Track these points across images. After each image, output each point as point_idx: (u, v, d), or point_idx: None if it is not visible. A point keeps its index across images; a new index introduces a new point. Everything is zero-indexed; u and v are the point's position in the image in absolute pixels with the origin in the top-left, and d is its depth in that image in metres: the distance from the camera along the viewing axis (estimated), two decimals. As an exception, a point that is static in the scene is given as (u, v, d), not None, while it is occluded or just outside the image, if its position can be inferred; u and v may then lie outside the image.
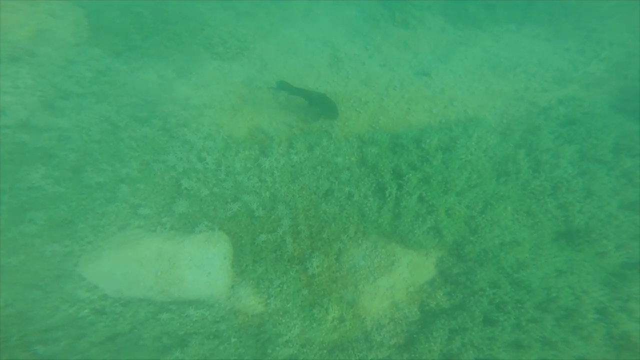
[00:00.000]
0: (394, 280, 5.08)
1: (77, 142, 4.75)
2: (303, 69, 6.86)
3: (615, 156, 5.73)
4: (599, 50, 7.66)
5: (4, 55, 5.36)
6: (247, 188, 5.13)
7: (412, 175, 5.26)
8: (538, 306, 4.72)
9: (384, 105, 6.20)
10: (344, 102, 6.20)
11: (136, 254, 4.54)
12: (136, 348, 4.05)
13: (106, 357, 3.94)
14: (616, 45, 7.77)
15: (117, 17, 6.73)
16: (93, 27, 6.37)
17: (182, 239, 4.75)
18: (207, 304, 4.62)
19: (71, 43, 6.01)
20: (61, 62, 5.71)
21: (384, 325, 4.80)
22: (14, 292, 4.02)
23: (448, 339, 4.58)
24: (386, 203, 5.26)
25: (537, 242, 5.17)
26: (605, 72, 7.27)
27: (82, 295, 4.24)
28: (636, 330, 4.55)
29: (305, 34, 7.71)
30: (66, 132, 4.84)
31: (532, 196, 5.50)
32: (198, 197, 4.95)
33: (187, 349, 4.12)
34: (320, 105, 5.93)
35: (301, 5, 8.30)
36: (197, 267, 4.70)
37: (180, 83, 6.14)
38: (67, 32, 6.04)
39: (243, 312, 4.73)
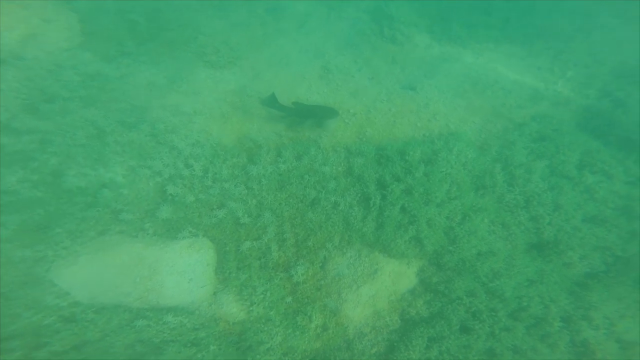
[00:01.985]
0: (376, 289, 5.21)
1: (59, 146, 4.63)
2: (294, 79, 6.97)
3: (580, 172, 6.17)
4: (565, 70, 8.25)
5: None
6: (233, 195, 5.14)
7: (396, 186, 5.46)
8: (510, 315, 4.98)
9: (371, 117, 6.39)
10: (332, 113, 6.31)
11: (115, 260, 4.43)
12: (105, 356, 3.92)
13: None
14: (580, 66, 8.40)
15: (111, 23, 6.71)
16: (86, 32, 6.32)
17: (164, 245, 4.68)
18: (186, 311, 4.55)
19: (62, 47, 5.95)
20: (50, 66, 5.64)
21: (366, 333, 4.90)
22: (-26, 299, 3.79)
23: (426, 347, 4.74)
24: (370, 213, 5.42)
25: (510, 253, 5.46)
26: (570, 91, 7.83)
27: (50, 302, 4.08)
28: (594, 337, 4.88)
29: (298, 46, 7.85)
30: (49, 135, 4.72)
31: (506, 209, 5.83)
32: (183, 204, 4.91)
33: (162, 357, 4.03)
34: (315, 113, 6.11)
35: (296, 17, 8.46)
36: (179, 274, 4.64)
37: (171, 89, 6.12)
38: (59, 36, 5.97)
39: (224, 319, 4.68)
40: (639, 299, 5.08)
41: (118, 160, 4.82)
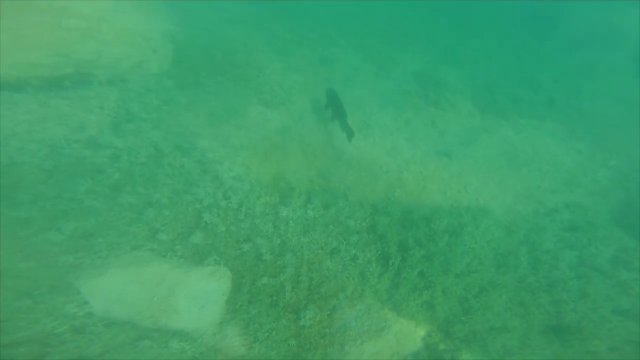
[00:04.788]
0: (380, 346, 5.18)
1: (124, 162, 5.11)
2: (335, 127, 7.26)
3: (613, 267, 6.02)
4: (607, 158, 8.13)
5: (105, 79, 5.95)
6: (261, 231, 5.43)
7: (417, 250, 5.55)
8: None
9: (402, 178, 6.60)
10: (366, 168, 6.63)
11: (140, 276, 4.55)
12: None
13: None
14: (622, 155, 8.25)
15: (196, 55, 7.46)
16: (174, 61, 7.08)
17: (189, 269, 4.88)
18: (191, 337, 4.60)
19: (154, 73, 6.68)
20: (141, 89, 6.30)
21: (364, 394, 4.85)
22: (4, 298, 3.91)
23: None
24: (387, 271, 5.51)
25: (526, 332, 5.35)
26: (610, 181, 7.69)
27: (70, 310, 4.10)
28: None
29: (342, 97, 8.21)
30: (119, 151, 5.22)
31: (527, 289, 5.75)
32: (214, 232, 5.24)
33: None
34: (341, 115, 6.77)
35: (345, 70, 9.00)
36: (194, 299, 4.72)
37: (225, 121, 6.60)
38: (156, 64, 6.74)
39: (224, 352, 4.70)
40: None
41: (167, 182, 5.25)
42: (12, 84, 5.32)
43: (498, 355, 5.04)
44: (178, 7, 7.83)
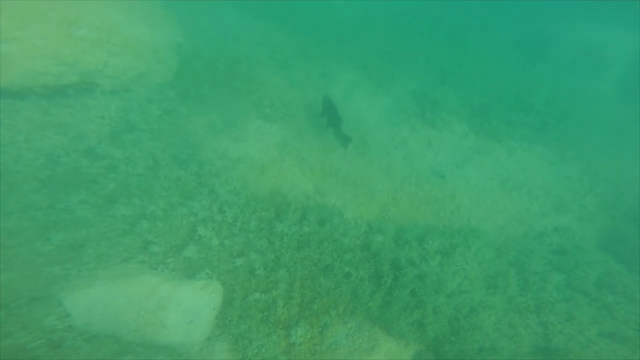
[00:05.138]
0: (370, 366, 5.20)
1: (121, 173, 5.09)
2: (331, 143, 7.32)
3: (598, 290, 6.15)
4: (594, 185, 8.36)
5: (108, 89, 5.93)
6: (255, 246, 5.43)
7: (410, 270, 5.60)
8: None
9: (397, 198, 6.69)
10: (362, 186, 6.70)
11: (129, 289, 4.41)
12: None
13: None
14: (609, 182, 8.50)
15: (199, 67, 7.50)
16: (178, 72, 7.09)
17: (180, 283, 4.80)
18: (176, 352, 4.49)
19: (158, 84, 6.68)
20: (143, 99, 6.29)
21: (352, 414, 4.83)
22: (-21, 311, 3.66)
23: None
24: (379, 289, 5.54)
25: (514, 353, 5.43)
26: (597, 208, 7.90)
27: (48, 323, 3.88)
28: None
29: (341, 112, 8.38)
30: (116, 162, 5.19)
31: (516, 310, 5.85)
32: (208, 246, 5.22)
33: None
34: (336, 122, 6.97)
35: (345, 86, 9.14)
36: (183, 313, 4.62)
37: (224, 134, 6.61)
38: (160, 75, 6.75)
39: None
40: None
41: (163, 194, 5.22)
42: (16, 92, 5.30)
43: (486, 376, 5.11)
44: (186, 19, 7.87)
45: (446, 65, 11.20)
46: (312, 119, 7.78)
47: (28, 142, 4.90)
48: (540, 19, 17.95)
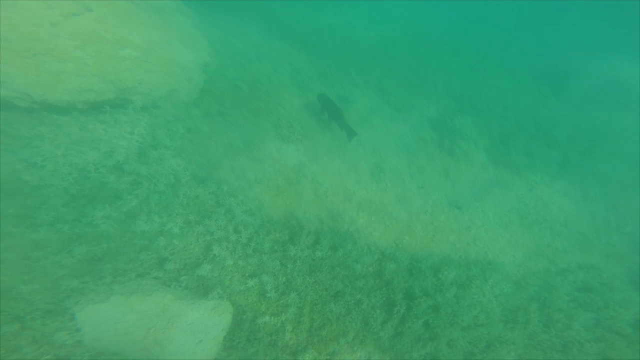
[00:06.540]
0: (378, 400, 4.99)
1: (143, 190, 5.25)
2: (347, 169, 7.44)
3: (636, 331, 5.78)
4: (622, 224, 7.98)
5: (139, 105, 6.18)
6: (267, 268, 5.43)
7: (423, 300, 5.45)
8: None
9: (412, 226, 6.59)
10: (376, 212, 6.65)
11: (141, 305, 4.43)
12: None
13: None
14: (638, 222, 8.08)
15: (223, 86, 7.72)
16: (203, 90, 7.32)
17: (192, 302, 4.81)
18: None
19: (183, 101, 6.92)
20: (170, 116, 6.48)
21: None
22: (-6, 321, 3.73)
23: None
24: (391, 319, 5.38)
25: None
26: (626, 247, 7.49)
27: (58, 338, 3.91)
28: None
29: (357, 138, 8.41)
30: (140, 178, 5.35)
31: (538, 348, 5.59)
32: (221, 265, 5.26)
33: None
34: (340, 116, 7.15)
35: (362, 111, 9.23)
36: (192, 333, 4.61)
37: (243, 153, 6.71)
38: (187, 92, 7.02)
39: None
40: None
41: (181, 212, 5.35)
42: (62, 107, 5.62)
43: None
44: (215, 39, 8.22)
45: (465, 92, 11.19)
46: (328, 141, 7.89)
47: (65, 156, 5.13)
48: (562, 48, 17.85)
